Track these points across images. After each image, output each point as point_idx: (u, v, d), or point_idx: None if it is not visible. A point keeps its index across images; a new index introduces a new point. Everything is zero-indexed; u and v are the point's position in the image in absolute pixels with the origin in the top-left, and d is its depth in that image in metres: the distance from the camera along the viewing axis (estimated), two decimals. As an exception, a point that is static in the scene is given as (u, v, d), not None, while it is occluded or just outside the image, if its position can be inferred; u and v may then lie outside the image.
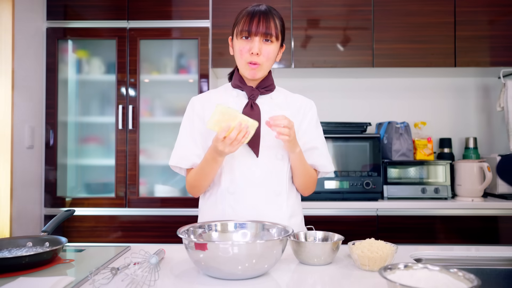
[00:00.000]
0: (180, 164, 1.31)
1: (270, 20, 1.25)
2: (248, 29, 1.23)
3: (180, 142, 1.33)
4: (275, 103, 1.34)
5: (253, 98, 1.29)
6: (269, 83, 1.34)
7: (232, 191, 1.27)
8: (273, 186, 1.29)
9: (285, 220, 1.29)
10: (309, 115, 1.37)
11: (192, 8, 2.47)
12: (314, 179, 1.37)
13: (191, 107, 1.36)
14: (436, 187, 2.42)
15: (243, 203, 1.26)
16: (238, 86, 1.33)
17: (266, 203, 1.27)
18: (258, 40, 1.24)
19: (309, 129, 1.36)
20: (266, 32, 1.24)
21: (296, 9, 2.53)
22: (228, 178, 1.28)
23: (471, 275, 0.78)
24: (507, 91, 2.48)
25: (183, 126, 1.35)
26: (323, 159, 1.36)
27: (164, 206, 2.40)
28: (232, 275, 0.93)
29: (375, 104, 2.88)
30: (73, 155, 2.56)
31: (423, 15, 2.51)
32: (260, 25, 1.23)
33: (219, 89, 1.41)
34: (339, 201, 2.35)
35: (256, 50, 1.23)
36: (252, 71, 1.27)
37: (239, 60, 1.29)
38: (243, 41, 1.25)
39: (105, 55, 2.55)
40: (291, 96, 1.40)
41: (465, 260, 1.22)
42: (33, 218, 2.36)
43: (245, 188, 1.27)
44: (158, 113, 2.55)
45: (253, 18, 1.24)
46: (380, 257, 1.00)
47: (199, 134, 1.32)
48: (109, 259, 1.11)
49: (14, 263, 0.98)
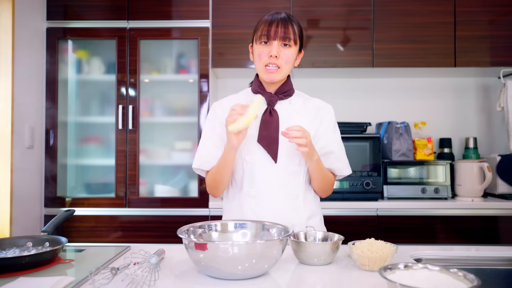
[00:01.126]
0: (203, 167, 1.37)
1: (288, 26, 1.29)
2: (267, 34, 1.28)
3: (202, 146, 1.39)
4: (293, 108, 1.37)
5: (271, 104, 1.33)
6: (287, 88, 1.37)
7: (253, 195, 1.33)
8: (290, 189, 1.34)
9: (304, 220, 1.34)
10: (327, 120, 1.41)
11: (192, 8, 2.47)
12: (331, 182, 1.42)
13: (212, 112, 1.42)
14: (436, 187, 2.42)
15: (262, 206, 1.32)
16: (258, 91, 1.36)
17: (284, 205, 1.33)
18: (277, 44, 1.28)
19: (326, 134, 1.39)
20: (284, 37, 1.28)
21: (296, 9, 2.53)
22: (249, 183, 1.34)
23: (471, 275, 0.78)
24: (507, 91, 2.48)
25: (205, 131, 1.41)
26: (340, 163, 1.40)
27: (164, 206, 2.40)
28: (232, 275, 0.93)
29: (375, 104, 2.88)
30: (73, 155, 2.56)
31: (423, 15, 2.51)
32: (278, 30, 1.28)
33: (239, 94, 1.46)
34: (339, 201, 2.35)
35: (275, 53, 1.28)
36: (270, 74, 1.30)
37: (258, 64, 1.33)
38: (262, 46, 1.30)
39: (105, 55, 2.55)
40: (309, 100, 1.43)
41: (465, 260, 1.22)
42: (33, 218, 2.36)
43: (265, 192, 1.32)
44: (158, 113, 2.55)
45: (272, 24, 1.29)
46: (380, 257, 1.00)
47: (219, 138, 1.37)
48: (109, 259, 1.11)
49: (14, 263, 0.98)
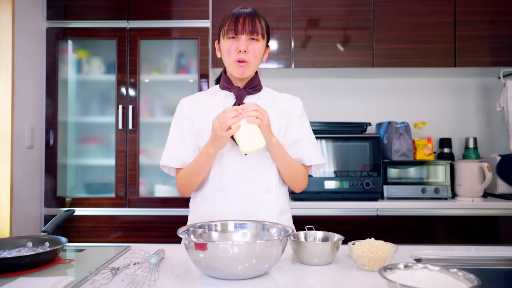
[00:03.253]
0: (172, 164, 1.31)
1: (255, 19, 1.28)
2: (235, 28, 1.26)
3: (170, 142, 1.34)
4: (261, 103, 1.34)
5: (240, 98, 1.31)
6: (256, 83, 1.36)
7: (221, 188, 1.28)
8: (261, 183, 1.29)
9: (274, 217, 1.29)
10: (295, 111, 1.38)
11: (192, 8, 2.47)
12: (301, 173, 1.34)
13: (180, 109, 1.38)
14: (436, 187, 2.42)
15: (232, 201, 1.27)
16: (226, 87, 1.35)
17: (255, 200, 1.28)
18: (245, 38, 1.26)
19: (294, 123, 1.36)
20: (252, 30, 1.26)
21: (296, 9, 2.53)
22: (217, 176, 1.29)
23: (471, 275, 0.78)
24: (507, 91, 2.48)
25: (173, 127, 1.36)
26: (309, 152, 1.34)
27: (164, 206, 2.40)
28: (232, 275, 0.93)
29: (375, 104, 2.88)
30: (73, 155, 2.56)
31: (423, 15, 2.51)
32: (246, 24, 1.26)
33: (207, 91, 1.43)
34: (339, 201, 2.35)
35: (244, 48, 1.25)
36: (240, 69, 1.28)
37: (227, 59, 1.30)
38: (230, 41, 1.28)
39: (105, 55, 2.55)
40: (278, 96, 1.41)
41: (465, 260, 1.22)
42: (33, 218, 2.36)
43: (234, 186, 1.27)
44: (158, 113, 2.55)
45: (239, 18, 1.27)
46: (380, 257, 1.00)
47: (188, 134, 1.33)
48: (109, 259, 1.11)
49: (14, 263, 0.98)
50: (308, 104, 2.87)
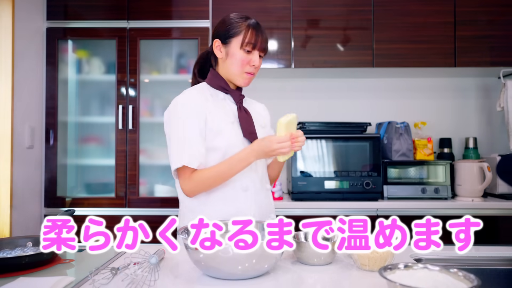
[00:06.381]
0: (191, 164, 1.24)
1: (266, 36, 1.35)
2: (255, 43, 1.30)
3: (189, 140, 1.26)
4: (252, 108, 1.44)
5: (241, 102, 1.39)
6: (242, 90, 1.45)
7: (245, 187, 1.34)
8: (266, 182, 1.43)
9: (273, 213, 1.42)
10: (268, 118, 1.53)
11: (192, 8, 2.47)
12: None
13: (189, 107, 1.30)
14: (436, 187, 2.42)
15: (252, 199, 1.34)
16: (224, 89, 1.38)
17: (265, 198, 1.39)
18: (257, 54, 1.33)
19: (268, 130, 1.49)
20: (265, 48, 1.34)
21: (296, 9, 2.53)
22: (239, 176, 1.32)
23: (471, 275, 0.78)
24: (507, 91, 2.48)
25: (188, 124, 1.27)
26: None
27: (164, 206, 2.40)
28: (232, 275, 0.93)
29: (375, 104, 2.87)
30: (73, 155, 2.56)
31: (423, 15, 2.51)
32: (263, 42, 1.32)
33: (201, 90, 1.36)
34: (339, 201, 2.34)
35: (258, 63, 1.33)
36: (247, 80, 1.35)
37: (236, 68, 1.32)
38: (246, 53, 1.31)
39: (105, 55, 2.55)
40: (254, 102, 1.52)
41: (465, 260, 1.22)
42: (33, 218, 2.36)
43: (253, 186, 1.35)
44: (158, 113, 2.55)
45: (258, 33, 1.31)
46: (380, 257, 1.00)
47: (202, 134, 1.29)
48: (109, 259, 1.11)
49: (14, 263, 0.98)
50: (308, 104, 2.88)
